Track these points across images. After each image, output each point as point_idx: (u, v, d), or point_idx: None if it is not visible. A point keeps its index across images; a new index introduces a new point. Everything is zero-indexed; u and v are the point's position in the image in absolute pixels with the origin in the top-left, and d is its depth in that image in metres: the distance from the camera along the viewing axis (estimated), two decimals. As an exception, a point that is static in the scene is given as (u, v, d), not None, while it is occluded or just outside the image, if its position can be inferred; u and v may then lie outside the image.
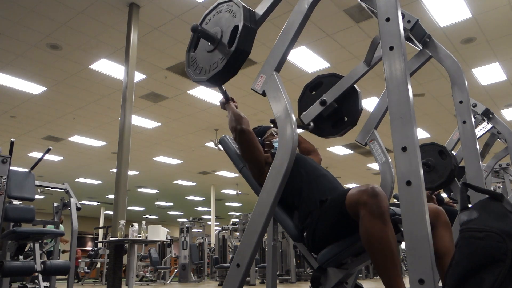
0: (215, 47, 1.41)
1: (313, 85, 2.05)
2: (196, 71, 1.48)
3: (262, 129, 2.07)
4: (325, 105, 1.91)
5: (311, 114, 1.94)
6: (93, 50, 6.45)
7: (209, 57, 1.43)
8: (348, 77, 1.93)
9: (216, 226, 17.06)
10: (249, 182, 1.86)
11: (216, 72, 1.38)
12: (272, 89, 1.35)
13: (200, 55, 1.48)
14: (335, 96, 1.91)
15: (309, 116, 1.94)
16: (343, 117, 1.96)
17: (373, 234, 1.27)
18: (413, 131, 1.04)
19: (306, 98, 2.04)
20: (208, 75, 1.41)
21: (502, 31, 6.02)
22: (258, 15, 1.41)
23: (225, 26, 1.41)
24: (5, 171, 2.95)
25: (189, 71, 1.51)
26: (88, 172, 13.78)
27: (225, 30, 1.40)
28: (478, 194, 1.15)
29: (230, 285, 1.27)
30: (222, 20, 1.43)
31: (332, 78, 2.00)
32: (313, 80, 2.07)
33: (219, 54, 1.39)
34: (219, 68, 1.37)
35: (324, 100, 1.91)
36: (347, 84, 1.91)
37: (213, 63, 1.40)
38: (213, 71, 1.39)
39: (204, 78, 1.43)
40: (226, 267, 8.55)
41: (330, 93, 1.92)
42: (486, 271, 0.94)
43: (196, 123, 9.61)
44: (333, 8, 5.48)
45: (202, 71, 1.45)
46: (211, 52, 1.42)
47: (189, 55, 1.54)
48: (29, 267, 3.49)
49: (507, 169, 4.46)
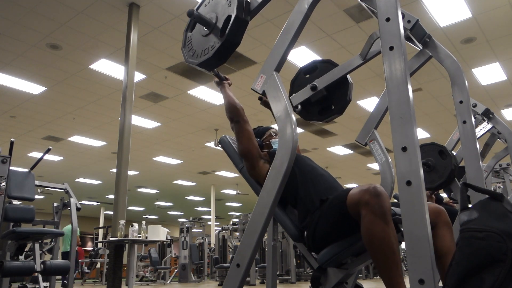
0: (210, 32, 1.45)
1: (307, 69, 2.05)
2: (189, 53, 1.53)
3: (261, 130, 2.07)
4: (315, 90, 1.91)
5: (301, 97, 1.95)
6: (93, 50, 6.45)
7: (203, 41, 1.48)
8: (342, 67, 1.93)
9: (216, 226, 17.06)
10: (249, 182, 1.86)
11: (206, 58, 1.43)
12: (272, 89, 1.35)
13: (196, 37, 1.52)
14: (326, 83, 1.91)
15: (298, 99, 1.95)
16: (330, 105, 1.97)
17: (374, 234, 1.26)
18: (413, 131, 1.04)
19: (299, 80, 2.04)
20: (199, 60, 1.47)
21: (502, 31, 6.02)
22: (254, 4, 1.42)
23: (221, 13, 1.44)
24: (5, 171, 2.95)
25: (184, 51, 1.56)
26: (88, 172, 13.78)
27: (220, 17, 1.43)
28: (478, 194, 1.15)
29: (230, 285, 1.27)
30: (218, 6, 1.46)
31: (327, 64, 2.00)
32: (309, 63, 2.07)
33: (212, 40, 1.43)
34: (209, 55, 1.42)
35: (315, 85, 1.91)
36: (340, 73, 1.91)
37: (205, 48, 1.45)
38: (203, 56, 1.45)
39: (195, 62, 1.48)
40: (226, 267, 8.55)
41: (322, 79, 1.93)
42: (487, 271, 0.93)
43: (196, 123, 9.61)
44: (333, 8, 5.48)
45: (195, 54, 1.50)
46: (205, 37, 1.47)
47: (186, 35, 1.58)
48: (29, 267, 3.49)
49: (507, 169, 4.46)
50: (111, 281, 4.76)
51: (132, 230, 5.08)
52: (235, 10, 1.37)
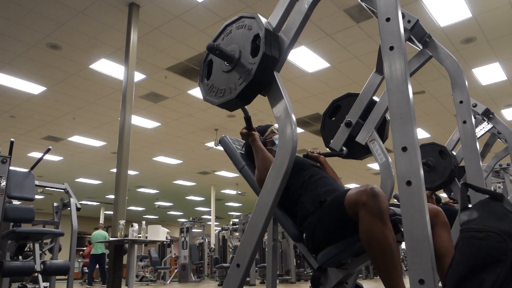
0: (234, 65, 1.31)
1: (331, 111, 2.03)
2: (218, 95, 1.34)
3: (263, 128, 2.07)
4: (351, 126, 1.87)
5: (340, 139, 1.91)
6: (93, 50, 6.45)
7: (228, 77, 1.32)
8: (365, 90, 1.91)
9: (216, 226, 17.06)
10: (249, 182, 1.86)
11: (245, 85, 1.26)
12: (272, 89, 1.34)
13: (217, 78, 1.36)
14: (358, 114, 1.88)
15: (339, 142, 1.91)
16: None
17: (372, 234, 1.27)
18: (413, 131, 1.04)
19: (327, 126, 2.02)
20: (235, 92, 1.28)
21: (502, 31, 6.02)
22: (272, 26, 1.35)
23: (242, 41, 1.32)
24: (5, 171, 2.95)
25: (210, 98, 1.37)
26: (88, 172, 13.78)
27: (242, 45, 1.32)
28: (478, 194, 1.15)
29: (230, 285, 1.27)
30: (236, 38, 1.34)
31: (349, 98, 1.98)
32: (330, 106, 2.04)
33: (239, 72, 1.29)
34: (248, 80, 1.25)
35: (349, 121, 1.88)
36: (366, 98, 1.89)
37: (238, 78, 1.28)
38: (240, 86, 1.27)
39: (231, 97, 1.29)
40: (226, 267, 8.55)
41: (352, 112, 1.89)
42: (487, 271, 0.93)
43: (196, 123, 9.61)
44: (333, 8, 5.48)
45: (226, 92, 1.32)
46: (229, 72, 1.32)
47: (204, 85, 1.41)
48: (29, 267, 3.49)
49: (507, 169, 4.46)
50: (111, 281, 4.76)
51: (132, 230, 5.07)
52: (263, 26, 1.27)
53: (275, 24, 1.36)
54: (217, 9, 5.40)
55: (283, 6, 1.38)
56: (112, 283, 4.73)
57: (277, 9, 1.39)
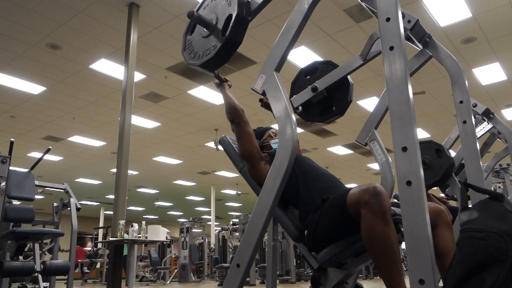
0: (210, 33, 1.45)
1: (308, 70, 2.05)
2: (190, 55, 1.52)
3: (261, 131, 2.07)
4: (316, 91, 1.92)
5: (301, 99, 1.95)
6: (93, 50, 6.45)
7: (203, 42, 1.47)
8: (343, 67, 1.93)
9: (216, 226, 17.06)
10: (249, 182, 1.86)
11: (208, 58, 1.43)
12: (272, 89, 1.34)
13: (196, 39, 1.52)
14: (327, 84, 1.91)
15: (299, 100, 1.95)
16: (331, 106, 1.97)
17: (374, 234, 1.26)
18: (413, 131, 1.03)
19: (299, 82, 2.04)
20: (201, 61, 1.46)
21: (502, 31, 6.02)
22: (254, 4, 1.42)
23: (221, 13, 1.44)
24: (5, 171, 2.95)
25: (185, 54, 1.55)
26: (88, 172, 13.78)
27: (220, 17, 1.43)
28: (478, 194, 1.15)
29: (230, 285, 1.27)
30: (218, 7, 1.46)
31: (328, 66, 2.00)
32: (310, 64, 2.06)
33: (213, 41, 1.43)
34: (211, 55, 1.42)
35: (316, 86, 1.91)
36: (341, 74, 1.91)
37: (206, 49, 1.44)
38: (205, 57, 1.44)
39: (197, 63, 1.47)
40: (226, 267, 8.55)
41: (322, 80, 1.92)
42: (487, 272, 0.93)
43: (196, 123, 9.61)
44: (333, 8, 5.48)
45: (196, 56, 1.49)
46: (206, 38, 1.46)
47: (186, 38, 1.58)
48: (28, 267, 3.49)
49: (507, 169, 4.46)
50: (111, 281, 4.76)
51: (132, 230, 5.07)
52: (236, 9, 1.37)
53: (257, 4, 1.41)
54: (217, 9, 5.39)
55: None
56: (112, 283, 4.73)
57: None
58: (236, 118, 1.81)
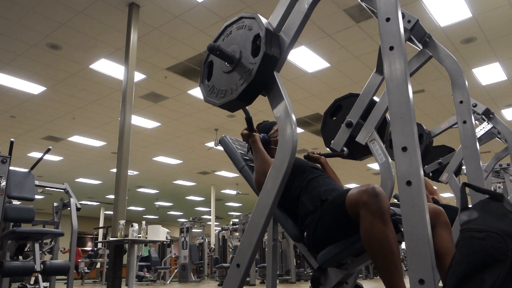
0: (235, 65, 1.30)
1: (332, 110, 2.03)
2: (219, 96, 1.34)
3: (268, 125, 2.06)
4: (351, 126, 1.87)
5: (341, 140, 1.89)
6: (93, 50, 6.45)
7: (229, 77, 1.32)
8: (365, 91, 1.90)
9: (216, 226, 17.06)
10: (249, 182, 1.86)
11: (247, 85, 1.26)
12: (272, 89, 1.34)
13: (218, 79, 1.36)
14: (359, 114, 1.87)
15: (340, 142, 1.90)
16: None
17: (373, 234, 1.26)
18: (413, 131, 1.03)
19: (328, 125, 2.01)
20: (236, 93, 1.28)
21: (502, 31, 6.02)
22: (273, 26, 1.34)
23: (242, 41, 1.32)
24: (5, 171, 2.95)
25: (210, 99, 1.37)
26: (88, 172, 13.78)
27: (243, 45, 1.31)
28: (478, 194, 1.15)
29: (230, 285, 1.27)
30: (236, 38, 1.34)
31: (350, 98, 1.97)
32: (331, 105, 2.04)
33: (240, 73, 1.29)
34: (249, 80, 1.25)
35: (350, 121, 1.87)
36: (367, 98, 1.88)
37: (239, 79, 1.28)
38: (241, 86, 1.27)
39: (232, 97, 1.29)
40: (226, 267, 8.55)
41: (352, 112, 1.88)
42: (487, 272, 0.93)
43: (196, 123, 9.61)
44: (333, 8, 5.48)
45: (227, 93, 1.31)
46: (230, 73, 1.32)
47: (204, 85, 1.41)
48: (28, 267, 3.48)
49: (507, 169, 4.46)
50: (111, 281, 4.76)
51: (132, 230, 5.07)
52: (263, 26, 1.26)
53: (275, 24, 1.36)
54: (217, 9, 5.40)
55: (283, 6, 1.37)
56: (112, 283, 4.73)
57: (278, 9, 1.39)
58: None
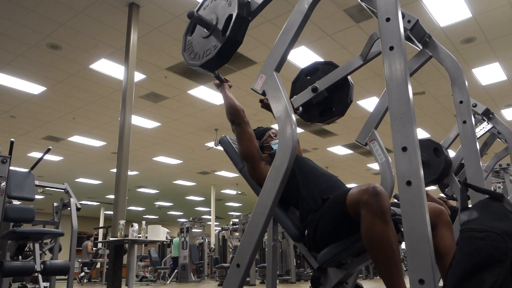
0: (210, 33, 1.45)
1: (309, 70, 2.05)
2: (191, 56, 1.52)
3: (261, 131, 2.07)
4: (316, 92, 1.92)
5: (302, 99, 1.95)
6: (93, 50, 6.45)
7: (204, 42, 1.47)
8: (343, 68, 1.93)
9: (216, 226, 17.05)
10: (249, 182, 1.86)
11: (209, 58, 1.42)
12: (272, 89, 1.34)
13: (196, 40, 1.51)
14: (327, 85, 1.91)
15: (299, 101, 1.95)
16: (331, 106, 1.97)
17: (374, 234, 1.26)
18: (413, 131, 1.04)
19: (300, 82, 2.04)
20: (201, 61, 1.46)
21: (502, 31, 6.02)
22: (254, 5, 1.42)
23: (221, 13, 1.43)
24: (5, 171, 2.95)
25: (185, 55, 1.55)
26: (88, 172, 13.78)
27: (220, 17, 1.43)
28: (478, 194, 1.15)
29: (230, 285, 1.27)
30: (218, 7, 1.46)
31: (329, 66, 2.00)
32: (310, 64, 2.07)
33: (213, 41, 1.43)
34: (211, 55, 1.41)
35: (316, 87, 1.91)
36: (341, 74, 1.91)
37: (207, 49, 1.44)
38: (206, 57, 1.44)
39: (197, 63, 1.47)
40: (226, 267, 8.55)
41: (323, 80, 1.92)
42: (487, 272, 0.93)
43: (196, 123, 9.61)
44: (333, 8, 5.48)
45: (196, 56, 1.49)
46: (206, 38, 1.46)
47: (186, 39, 1.57)
48: (29, 267, 3.49)
49: (507, 169, 4.46)
50: (111, 281, 4.76)
51: (132, 230, 5.07)
52: (236, 9, 1.37)
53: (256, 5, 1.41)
54: (217, 9, 5.39)
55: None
56: (112, 283, 4.73)
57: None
58: (237, 119, 1.81)
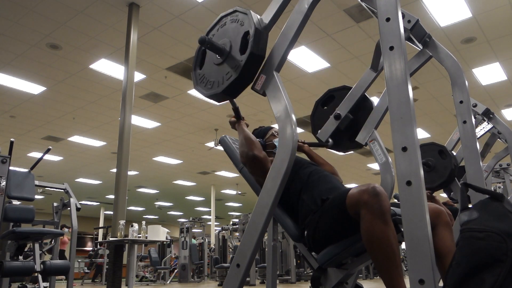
0: (225, 58, 1.34)
1: (324, 100, 2.02)
2: (207, 86, 1.39)
3: (263, 130, 2.07)
4: (339, 118, 1.87)
5: (328, 130, 1.90)
6: (93, 50, 6.45)
7: (218, 69, 1.36)
8: (358, 86, 1.90)
9: (216, 226, 17.05)
10: (249, 182, 1.86)
11: (232, 81, 1.30)
12: (272, 89, 1.34)
13: (208, 70, 1.41)
14: (348, 108, 1.87)
15: (326, 133, 1.90)
16: (359, 128, 1.90)
17: (374, 234, 1.26)
18: (413, 131, 1.03)
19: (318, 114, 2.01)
20: (222, 87, 1.33)
21: (502, 31, 6.02)
22: (264, 23, 1.37)
23: (234, 35, 1.35)
24: (5, 171, 2.95)
25: (199, 88, 1.42)
26: (88, 172, 13.78)
27: (234, 39, 1.34)
28: (478, 194, 1.15)
29: (230, 285, 1.27)
30: (229, 31, 1.38)
31: (343, 91, 1.97)
32: (324, 94, 2.04)
33: (229, 66, 1.33)
34: (234, 76, 1.29)
35: (339, 114, 1.87)
36: (358, 93, 1.88)
37: (226, 73, 1.32)
38: (227, 81, 1.31)
39: (218, 90, 1.34)
40: (226, 267, 8.55)
41: (343, 105, 1.88)
42: (487, 272, 0.93)
43: (196, 123, 9.61)
44: (333, 8, 5.48)
45: (214, 85, 1.36)
46: (220, 65, 1.36)
47: (196, 73, 1.46)
48: (28, 267, 3.48)
49: (507, 169, 4.46)
50: (111, 281, 4.76)
51: (132, 230, 5.07)
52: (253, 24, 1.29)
53: (267, 21, 1.38)
54: (217, 9, 5.39)
55: (276, 4, 1.40)
56: (112, 283, 4.73)
57: (271, 7, 1.41)
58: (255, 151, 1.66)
